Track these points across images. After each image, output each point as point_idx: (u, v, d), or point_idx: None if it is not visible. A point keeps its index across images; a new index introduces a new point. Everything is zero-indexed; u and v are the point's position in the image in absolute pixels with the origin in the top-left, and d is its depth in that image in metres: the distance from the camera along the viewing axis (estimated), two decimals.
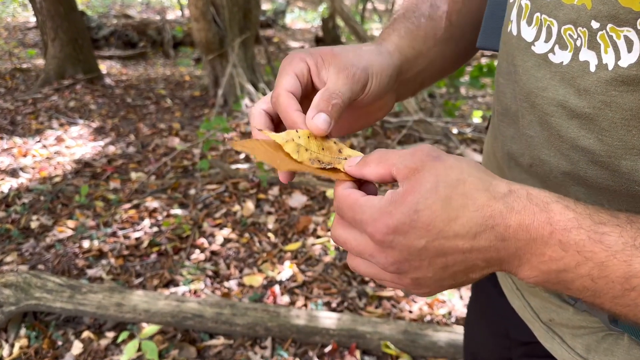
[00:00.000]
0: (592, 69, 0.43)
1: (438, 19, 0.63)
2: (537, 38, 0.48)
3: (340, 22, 7.28)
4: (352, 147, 3.44)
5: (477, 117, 3.96)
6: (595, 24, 0.41)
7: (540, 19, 0.47)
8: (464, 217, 0.38)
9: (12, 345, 1.88)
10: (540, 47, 0.48)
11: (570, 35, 0.44)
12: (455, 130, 3.63)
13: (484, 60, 7.05)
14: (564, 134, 0.47)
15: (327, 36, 8.23)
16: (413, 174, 0.40)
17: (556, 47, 0.46)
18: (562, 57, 0.46)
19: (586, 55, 0.43)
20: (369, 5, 9.99)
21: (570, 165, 0.48)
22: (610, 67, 0.41)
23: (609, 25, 0.40)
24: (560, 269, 0.38)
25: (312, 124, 0.46)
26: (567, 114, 0.46)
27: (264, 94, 4.52)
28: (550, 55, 0.47)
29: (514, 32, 0.51)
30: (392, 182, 0.43)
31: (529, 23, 0.49)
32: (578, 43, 0.43)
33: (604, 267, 0.36)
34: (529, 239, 0.38)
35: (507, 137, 0.57)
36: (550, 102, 0.48)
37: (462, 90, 4.82)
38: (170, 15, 9.94)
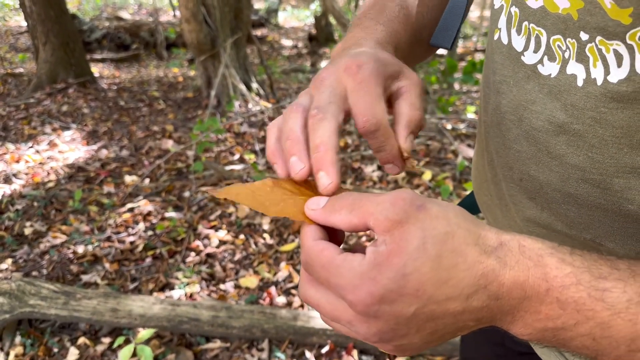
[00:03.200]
0: (580, 83, 0.41)
1: (412, 17, 0.61)
2: (526, 48, 0.46)
3: (332, 19, 7.27)
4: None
5: (471, 113, 3.95)
6: (584, 36, 0.39)
7: (529, 28, 0.45)
8: (455, 278, 0.34)
9: (7, 354, 1.87)
10: (529, 58, 0.46)
11: (559, 46, 0.42)
12: (449, 126, 3.63)
13: (477, 56, 7.06)
14: (552, 150, 0.45)
15: (320, 34, 8.21)
16: (395, 227, 0.35)
17: (545, 59, 0.44)
18: (550, 69, 0.44)
19: (574, 68, 0.41)
20: (360, 2, 9.98)
21: (560, 182, 0.46)
22: (599, 82, 0.39)
23: (598, 38, 0.38)
24: (557, 327, 0.35)
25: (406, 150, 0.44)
26: (555, 130, 0.44)
27: (258, 94, 4.51)
28: (539, 67, 0.45)
29: (504, 41, 0.49)
30: (364, 231, 0.39)
31: (519, 32, 0.47)
32: (566, 55, 0.42)
33: (607, 327, 0.34)
34: (524, 297, 0.35)
35: (494, 150, 0.55)
36: (538, 117, 0.46)
37: (456, 86, 4.81)
38: (163, 17, 9.90)
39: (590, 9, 0.38)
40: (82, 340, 1.92)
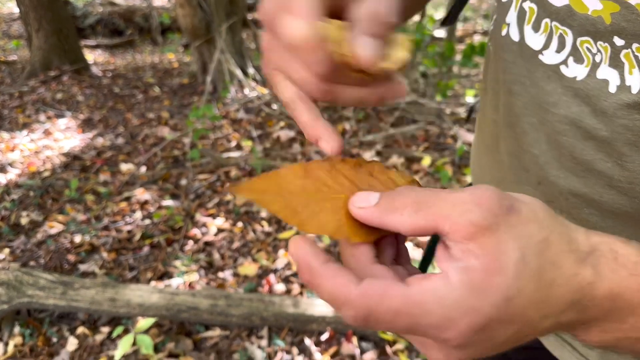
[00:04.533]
0: (612, 89, 0.38)
1: None
2: (546, 47, 0.43)
3: None
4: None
5: (470, 97, 3.92)
6: (619, 41, 0.37)
7: (551, 26, 0.42)
8: (553, 296, 0.29)
9: (6, 344, 1.87)
10: (550, 57, 0.43)
11: (588, 48, 0.39)
12: (448, 111, 3.60)
13: (476, 39, 6.99)
14: (577, 156, 0.43)
15: None
16: (483, 234, 0.28)
17: (570, 60, 0.41)
18: (576, 71, 0.41)
19: (606, 73, 0.38)
20: None
21: (584, 188, 0.44)
22: (634, 90, 0.37)
23: (635, 45, 0.36)
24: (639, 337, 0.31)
25: (361, 53, 0.32)
26: (582, 135, 0.41)
27: (254, 79, 4.46)
28: (562, 68, 0.42)
29: (514, 38, 0.46)
30: (427, 235, 0.31)
31: (536, 29, 0.43)
32: (597, 59, 0.39)
33: None
34: (613, 309, 0.31)
35: (507, 151, 0.51)
36: (562, 120, 0.42)
37: (455, 69, 4.77)
38: (157, 2, 9.76)
39: (626, 15, 0.35)
40: (81, 329, 1.92)
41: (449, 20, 0.62)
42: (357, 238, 0.32)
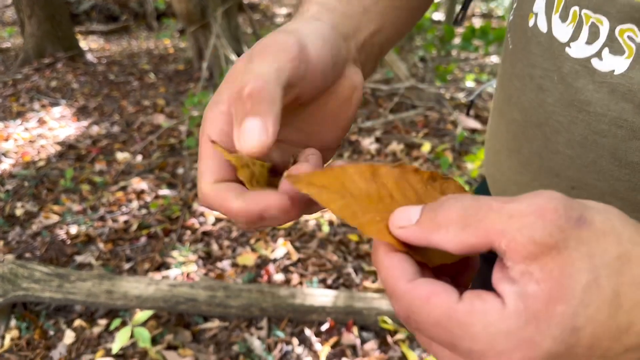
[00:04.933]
0: None
1: None
2: (574, 38, 0.38)
3: None
4: None
5: (470, 81, 3.86)
6: None
7: (580, 15, 0.37)
8: (638, 323, 0.24)
9: (2, 338, 1.84)
10: (578, 50, 0.38)
11: (630, 37, 0.35)
12: (448, 96, 3.55)
13: (475, 22, 6.89)
14: (620, 157, 0.38)
15: None
16: (547, 254, 0.24)
17: (605, 52, 0.37)
18: (613, 64, 0.36)
19: None
20: None
21: (629, 191, 0.39)
22: None
23: None
24: None
25: (242, 146, 0.29)
26: (626, 135, 0.37)
27: None
28: (594, 61, 0.37)
29: (542, 29, 0.41)
30: (481, 252, 0.27)
31: (563, 19, 0.39)
32: None
33: None
34: None
35: (533, 153, 0.46)
36: (600, 119, 0.38)
37: (454, 53, 4.70)
38: None
39: None
40: (78, 322, 1.89)
41: (461, 18, 0.58)
42: (400, 245, 0.29)
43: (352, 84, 0.39)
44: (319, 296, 1.86)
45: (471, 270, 0.33)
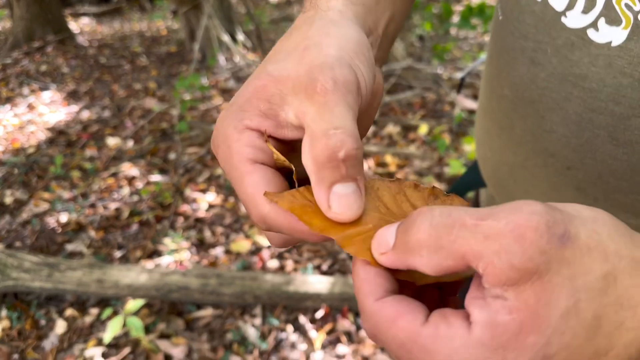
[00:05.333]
0: None
1: None
2: (570, 7, 0.35)
3: None
4: None
5: (468, 61, 3.79)
6: None
7: None
8: (619, 345, 0.23)
9: None
10: (574, 20, 0.35)
11: (628, 6, 0.32)
12: (446, 76, 3.48)
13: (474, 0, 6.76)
14: (619, 136, 0.36)
15: None
16: (528, 281, 0.22)
17: (601, 22, 0.34)
18: (610, 35, 0.33)
19: None
20: None
21: (629, 172, 0.37)
22: None
23: None
24: None
25: (337, 213, 0.27)
26: (624, 112, 0.34)
27: (245, 46, 4.30)
28: (590, 32, 0.35)
29: None
30: (461, 273, 0.25)
31: None
32: None
33: None
34: None
35: (525, 131, 0.44)
36: (596, 96, 0.36)
37: (452, 32, 4.60)
38: None
39: None
40: (69, 312, 1.87)
41: None
42: (376, 264, 0.27)
43: (376, 87, 0.36)
44: (314, 283, 1.83)
45: (459, 282, 0.30)
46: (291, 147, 0.33)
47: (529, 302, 0.22)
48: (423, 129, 2.80)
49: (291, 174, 0.31)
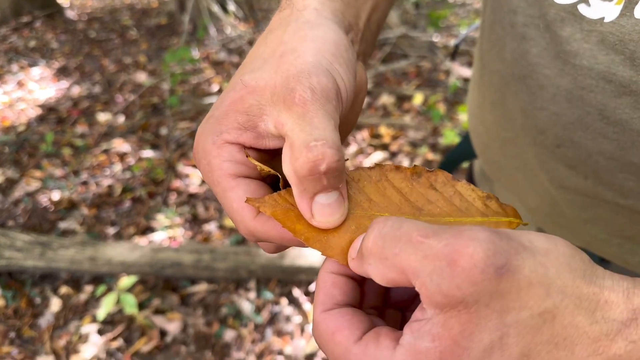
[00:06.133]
0: None
1: None
2: None
3: None
4: None
5: (465, 28, 3.70)
6: None
7: None
8: None
9: None
10: None
11: None
12: (441, 44, 3.40)
13: None
14: (609, 115, 0.35)
15: None
16: (454, 309, 0.22)
17: None
18: (602, 11, 0.32)
19: None
20: None
21: (618, 151, 0.36)
22: None
23: None
24: None
25: (320, 221, 0.28)
26: (615, 90, 0.33)
27: (236, 16, 4.20)
28: (581, 8, 0.33)
29: None
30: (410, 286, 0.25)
31: None
32: None
33: None
34: None
35: (517, 108, 0.43)
36: (587, 73, 0.35)
37: None
38: None
39: None
40: (64, 290, 1.87)
41: None
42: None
43: (359, 85, 0.35)
44: (307, 256, 1.82)
45: None
46: (274, 155, 0.32)
47: (453, 331, 0.21)
48: (418, 98, 2.76)
49: (278, 182, 0.31)
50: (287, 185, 0.30)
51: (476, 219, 0.29)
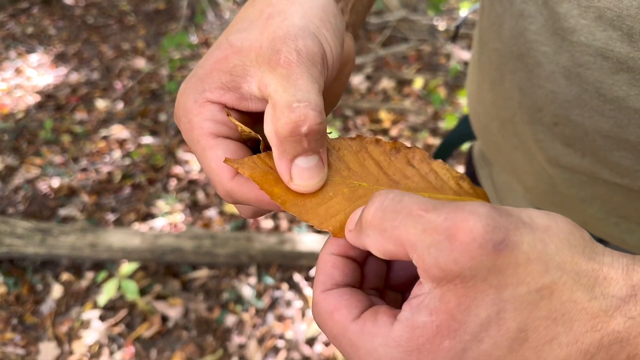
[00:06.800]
0: None
1: None
2: None
3: None
4: None
5: (465, 10, 3.66)
6: None
7: None
8: (549, 359, 0.22)
9: None
10: None
11: None
12: (442, 27, 3.37)
13: None
14: (606, 92, 0.35)
15: None
16: (450, 282, 0.22)
17: None
18: None
19: None
20: None
21: (615, 129, 0.36)
22: None
23: None
24: None
25: (299, 184, 0.27)
26: (612, 67, 0.33)
27: (235, 1, 4.15)
28: None
29: None
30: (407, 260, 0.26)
31: None
32: None
33: None
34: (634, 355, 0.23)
35: (514, 86, 0.43)
36: (584, 50, 0.34)
37: None
38: None
39: None
40: (65, 276, 1.88)
41: None
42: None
43: (346, 56, 0.35)
44: (308, 241, 1.82)
45: None
46: (256, 119, 0.31)
47: (449, 305, 0.22)
48: (418, 83, 2.74)
49: (258, 145, 0.31)
50: (267, 148, 0.30)
51: (449, 196, 0.30)
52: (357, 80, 2.85)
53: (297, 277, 1.82)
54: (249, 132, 0.30)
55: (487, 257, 0.21)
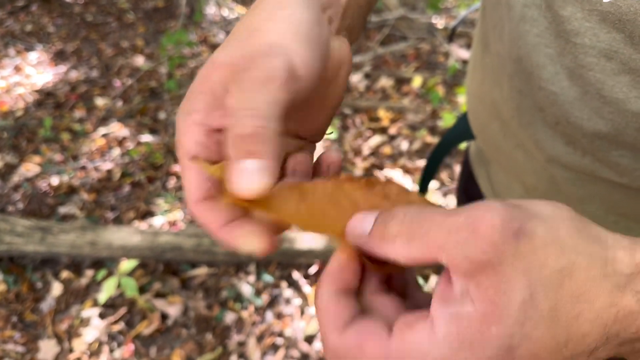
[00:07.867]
0: None
1: None
2: None
3: None
4: None
5: (464, 9, 3.66)
6: None
7: None
8: (578, 335, 0.24)
9: None
10: None
11: None
12: (440, 26, 3.37)
13: None
14: (606, 94, 0.36)
15: None
16: (482, 271, 0.23)
17: None
18: None
19: None
20: None
21: (613, 131, 0.37)
22: None
23: None
24: None
25: (237, 188, 0.27)
26: (615, 69, 0.34)
27: None
28: None
29: None
30: (430, 266, 0.28)
31: None
32: None
33: None
34: None
35: (515, 87, 0.44)
36: (588, 52, 0.35)
37: None
38: None
39: None
40: (65, 274, 1.88)
41: None
42: (388, 269, 0.29)
43: (338, 61, 0.35)
44: (307, 239, 1.83)
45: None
46: None
47: (488, 292, 0.23)
48: (417, 81, 2.74)
49: None
50: None
51: None
52: (356, 79, 2.86)
53: (296, 275, 1.83)
54: (215, 169, 0.30)
55: (509, 244, 0.23)
